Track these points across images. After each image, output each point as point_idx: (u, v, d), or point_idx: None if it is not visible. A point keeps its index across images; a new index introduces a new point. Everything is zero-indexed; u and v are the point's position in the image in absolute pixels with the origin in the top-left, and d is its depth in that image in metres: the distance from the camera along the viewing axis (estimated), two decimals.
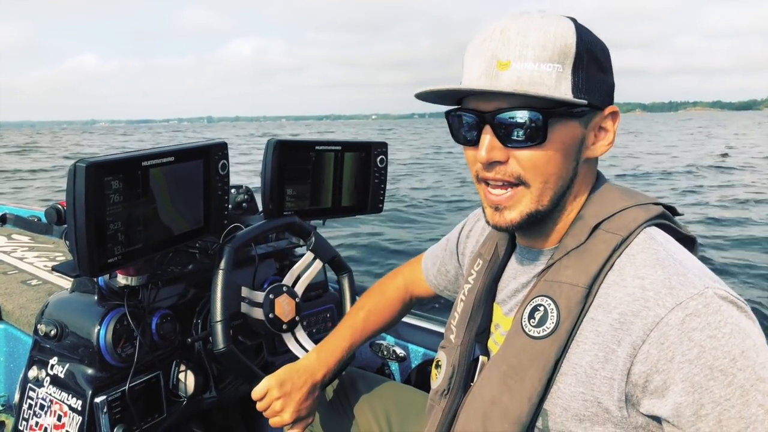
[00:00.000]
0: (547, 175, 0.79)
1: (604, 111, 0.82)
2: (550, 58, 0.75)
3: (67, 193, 0.96)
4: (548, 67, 0.75)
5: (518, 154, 0.78)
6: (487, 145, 0.78)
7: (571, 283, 0.78)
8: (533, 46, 0.75)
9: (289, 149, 1.44)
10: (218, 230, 1.30)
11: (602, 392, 0.74)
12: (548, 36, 0.75)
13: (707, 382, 0.67)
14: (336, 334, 1.26)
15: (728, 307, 0.71)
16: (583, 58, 0.77)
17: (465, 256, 1.13)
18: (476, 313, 0.96)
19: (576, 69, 0.76)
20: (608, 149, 0.84)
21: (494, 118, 0.77)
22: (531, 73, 0.75)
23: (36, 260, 2.27)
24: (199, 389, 1.31)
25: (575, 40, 0.76)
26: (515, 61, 0.75)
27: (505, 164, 0.79)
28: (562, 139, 0.78)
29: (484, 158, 0.79)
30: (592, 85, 0.78)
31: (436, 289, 1.26)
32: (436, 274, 1.24)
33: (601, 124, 0.82)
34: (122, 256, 1.04)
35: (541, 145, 0.77)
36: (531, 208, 0.80)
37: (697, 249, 0.87)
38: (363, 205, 1.63)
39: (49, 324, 1.21)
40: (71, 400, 1.17)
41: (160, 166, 1.10)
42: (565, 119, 0.77)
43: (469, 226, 1.14)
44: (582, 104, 0.76)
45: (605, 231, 0.80)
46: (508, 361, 0.82)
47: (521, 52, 0.75)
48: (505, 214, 0.82)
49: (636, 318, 0.72)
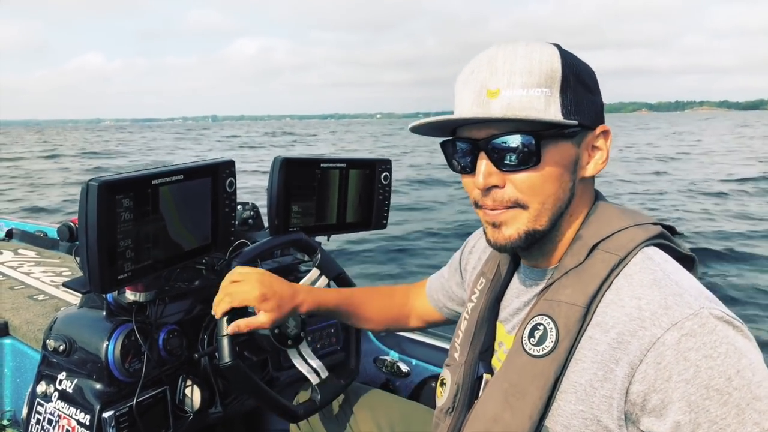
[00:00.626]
0: (544, 196, 0.81)
1: (596, 130, 0.84)
2: (538, 83, 0.77)
3: (80, 211, 0.99)
4: (537, 92, 0.77)
5: (514, 178, 0.80)
6: (483, 171, 0.80)
7: (569, 302, 0.80)
8: (520, 72, 0.77)
9: (295, 166, 1.46)
10: (225, 247, 1.32)
11: (602, 410, 0.75)
12: (534, 62, 0.78)
13: (703, 402, 0.69)
14: (332, 289, 1.29)
15: (723, 327, 0.72)
16: (569, 80, 0.79)
17: (467, 272, 1.15)
18: (479, 331, 0.98)
19: (564, 91, 0.79)
20: (603, 167, 0.86)
21: (488, 144, 0.79)
22: (520, 98, 0.77)
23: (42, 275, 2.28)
24: (205, 404, 1.32)
25: (560, 64, 0.79)
26: (504, 89, 0.78)
27: (502, 189, 0.81)
28: (555, 160, 0.80)
29: (481, 184, 0.81)
30: (582, 106, 0.81)
31: (436, 305, 1.27)
32: (439, 290, 1.26)
33: (593, 144, 0.84)
34: (132, 272, 1.06)
35: (535, 167, 0.79)
36: (529, 227, 0.82)
37: (697, 268, 0.88)
38: (367, 221, 1.65)
39: (58, 339, 1.23)
40: (79, 414, 1.18)
41: (170, 184, 1.12)
42: (557, 140, 0.79)
43: (473, 243, 1.16)
44: (572, 125, 0.79)
45: (603, 251, 0.82)
46: (510, 379, 0.83)
47: (509, 79, 0.78)
48: (503, 231, 0.83)
49: (633, 338, 0.74)
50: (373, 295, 1.33)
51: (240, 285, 1.14)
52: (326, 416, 1.42)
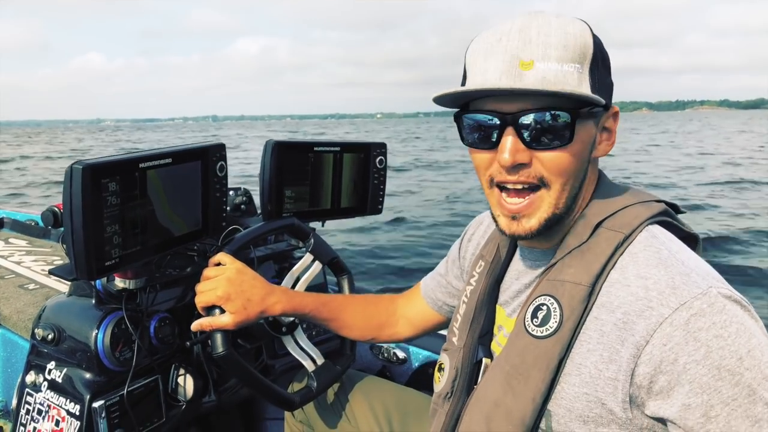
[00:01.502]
0: (567, 176, 0.78)
1: (610, 111, 0.82)
2: (572, 58, 0.75)
3: (64, 196, 0.95)
4: (570, 67, 0.75)
5: (542, 156, 0.77)
6: (510, 148, 0.76)
7: (573, 281, 0.78)
8: (555, 46, 0.74)
9: (288, 150, 1.43)
10: (217, 232, 1.29)
11: (606, 393, 0.73)
12: (569, 36, 0.75)
13: (715, 383, 0.67)
14: (311, 293, 1.25)
15: (732, 306, 0.70)
16: (598, 59, 0.77)
17: (466, 260, 1.13)
18: (479, 315, 0.95)
19: (593, 69, 0.77)
20: (610, 149, 0.84)
21: (518, 120, 0.75)
22: (555, 72, 0.74)
23: (33, 264, 2.25)
24: (198, 393, 1.29)
25: (592, 40, 0.77)
26: (539, 61, 0.74)
27: (529, 167, 0.77)
28: (583, 139, 0.78)
29: (509, 161, 0.76)
30: (603, 85, 0.79)
31: (434, 306, 1.22)
32: (436, 287, 1.21)
33: (605, 125, 0.83)
34: (120, 258, 1.03)
35: (567, 146, 0.76)
36: (549, 213, 0.79)
37: (701, 247, 0.86)
38: (362, 206, 1.62)
39: (47, 328, 1.20)
40: (69, 404, 1.16)
41: (158, 167, 1.09)
42: (586, 119, 0.77)
43: (471, 231, 1.13)
44: (602, 103, 0.76)
45: (607, 229, 0.80)
46: (512, 362, 0.81)
47: (544, 51, 0.74)
48: (524, 223, 0.80)
49: (639, 318, 0.72)
50: (356, 301, 1.29)
51: (207, 283, 1.14)
52: (322, 403, 1.41)
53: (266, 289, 1.16)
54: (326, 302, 1.24)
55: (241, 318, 1.12)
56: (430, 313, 1.24)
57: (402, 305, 1.29)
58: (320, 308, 1.22)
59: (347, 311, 1.25)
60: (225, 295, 1.12)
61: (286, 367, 1.49)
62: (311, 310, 1.21)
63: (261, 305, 1.14)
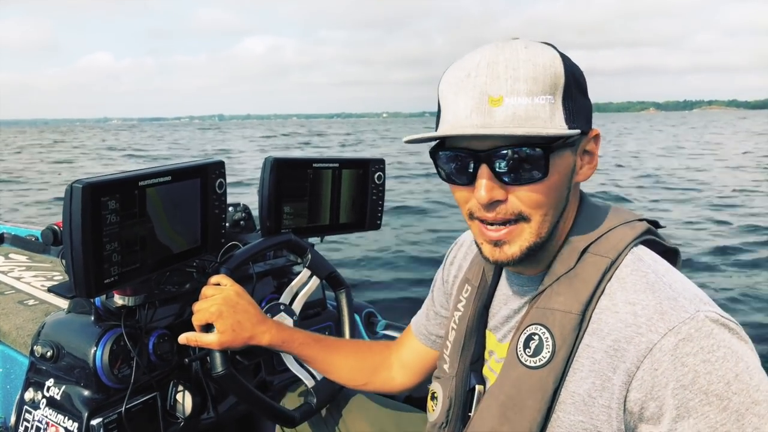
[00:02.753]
0: (546, 208, 0.78)
1: (589, 135, 0.81)
2: (542, 90, 0.74)
3: (64, 214, 0.96)
4: (541, 100, 0.74)
5: (519, 192, 0.76)
6: (485, 186, 0.75)
7: (563, 310, 0.78)
8: (525, 79, 0.73)
9: (287, 167, 1.44)
10: (216, 249, 1.30)
11: (601, 421, 0.74)
12: (537, 68, 0.74)
13: (703, 407, 0.67)
14: (303, 330, 1.24)
15: (720, 330, 0.70)
16: (571, 86, 0.76)
17: (449, 283, 1.11)
18: (469, 341, 0.95)
19: (566, 98, 0.76)
20: (593, 173, 0.83)
21: (491, 157, 0.75)
22: (525, 107, 0.73)
23: (33, 280, 2.25)
24: (196, 410, 1.29)
25: (563, 69, 0.76)
26: (507, 96, 0.73)
27: (505, 203, 0.77)
28: (559, 170, 0.77)
29: (485, 198, 0.76)
30: (580, 111, 0.78)
31: (427, 341, 1.18)
32: (426, 323, 1.18)
33: (586, 148, 0.82)
34: (119, 276, 1.04)
35: (542, 180, 0.75)
36: (530, 241, 0.79)
37: (680, 261, 0.87)
38: (361, 222, 1.63)
39: (45, 345, 1.20)
40: (67, 422, 1.15)
41: (157, 185, 1.10)
42: (562, 150, 0.76)
43: (453, 254, 1.12)
44: (576, 134, 0.76)
45: (593, 254, 0.80)
46: (506, 392, 0.81)
47: (513, 86, 0.73)
48: (506, 249, 0.80)
49: (629, 345, 0.72)
50: (348, 342, 1.28)
51: (204, 302, 1.14)
52: (318, 420, 1.40)
53: (258, 318, 1.16)
54: (318, 339, 1.22)
55: (228, 338, 1.12)
56: (424, 351, 1.19)
57: (396, 350, 1.25)
58: (311, 344, 1.20)
59: (339, 351, 1.22)
60: (218, 312, 1.12)
61: (284, 383, 1.49)
62: (300, 344, 1.19)
63: (250, 331, 1.14)
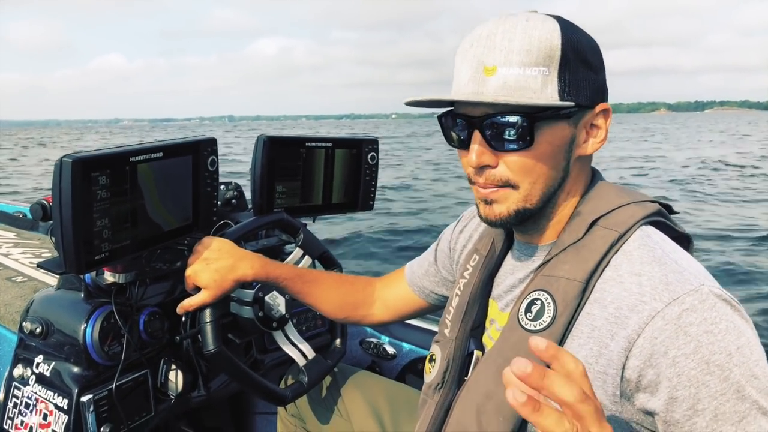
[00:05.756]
0: (534, 177, 0.80)
1: (595, 109, 0.82)
2: (536, 62, 0.76)
3: (53, 189, 0.95)
4: (534, 71, 0.76)
5: (507, 158, 0.79)
6: (476, 150, 0.80)
7: (568, 277, 0.79)
8: (518, 51, 0.75)
9: (279, 145, 1.43)
10: (207, 227, 1.29)
11: (596, 386, 0.75)
12: (533, 40, 0.76)
13: (704, 377, 0.68)
14: (287, 265, 1.27)
15: (723, 305, 0.72)
16: (569, 59, 0.77)
17: (456, 251, 1.13)
18: (471, 307, 0.96)
19: (562, 71, 0.77)
20: (600, 146, 0.85)
21: (482, 123, 0.78)
22: (517, 77, 0.76)
23: (21, 257, 2.23)
24: (187, 388, 1.29)
25: (560, 42, 0.77)
26: (501, 66, 0.76)
27: (495, 168, 0.81)
28: (549, 141, 0.79)
29: (474, 162, 0.80)
30: (580, 85, 0.79)
31: (420, 293, 1.22)
32: (423, 275, 1.21)
33: (592, 122, 0.83)
34: (109, 252, 1.03)
35: (528, 148, 0.78)
36: (518, 206, 0.81)
37: (693, 247, 0.87)
38: (354, 202, 1.62)
39: (35, 321, 1.20)
40: (57, 398, 1.15)
41: (149, 161, 1.08)
42: (552, 121, 0.78)
43: (463, 223, 1.14)
44: (568, 106, 0.77)
45: (602, 227, 0.81)
46: (504, 355, 0.82)
47: (506, 57, 0.76)
48: (494, 208, 0.83)
49: (632, 312, 0.73)
50: (332, 278, 1.29)
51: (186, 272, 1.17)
52: (314, 397, 1.41)
53: (236, 256, 1.17)
54: (301, 274, 1.25)
55: (214, 290, 1.14)
56: (412, 299, 1.23)
57: (380, 288, 1.29)
58: (294, 279, 1.23)
59: (322, 286, 1.25)
60: (193, 272, 1.15)
61: (276, 361, 1.49)
62: (285, 279, 1.21)
63: (232, 272, 1.15)
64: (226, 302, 1.25)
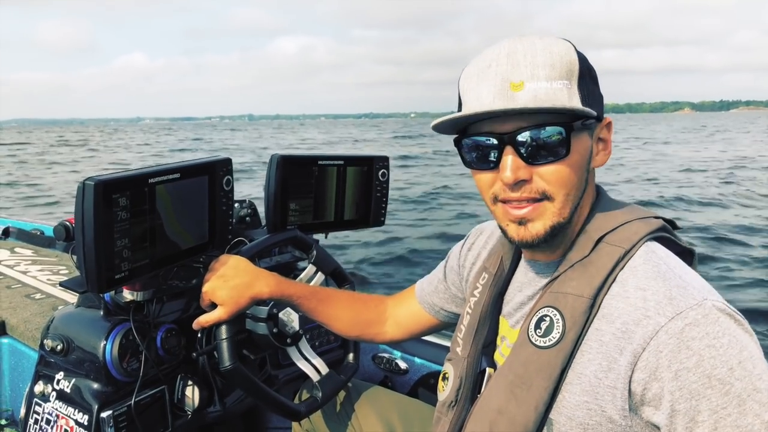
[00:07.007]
0: (569, 187, 0.81)
1: (602, 122, 0.86)
2: (559, 75, 0.79)
3: (76, 211, 0.98)
4: (559, 84, 0.78)
5: (542, 171, 0.80)
6: (511, 166, 0.79)
7: (576, 294, 0.80)
8: (542, 66, 0.78)
9: (292, 164, 1.46)
10: (222, 245, 1.31)
11: (606, 401, 0.76)
12: (554, 56, 0.79)
13: (705, 390, 0.69)
14: (301, 283, 1.30)
15: (726, 319, 0.73)
16: (584, 73, 0.81)
17: (465, 268, 1.14)
18: (482, 325, 0.98)
19: (581, 84, 0.80)
20: (607, 159, 0.87)
21: (515, 138, 0.79)
22: (546, 90, 0.78)
23: (39, 274, 2.28)
24: (203, 403, 1.31)
25: (577, 57, 0.81)
26: (528, 81, 0.78)
27: (530, 182, 0.81)
28: (579, 151, 0.81)
29: (511, 178, 0.79)
30: (594, 98, 0.83)
31: (430, 310, 1.23)
32: (432, 292, 1.23)
33: (600, 135, 0.86)
34: (129, 272, 1.05)
35: (564, 159, 0.79)
36: (554, 221, 0.82)
37: (696, 262, 0.89)
38: (365, 218, 1.65)
39: (55, 339, 1.22)
40: (77, 414, 1.18)
41: (166, 182, 1.11)
42: (581, 132, 0.81)
43: (471, 240, 1.16)
44: (593, 115, 0.80)
45: (608, 244, 0.83)
46: (515, 371, 0.83)
47: (533, 72, 0.78)
48: (530, 228, 0.83)
49: (637, 327, 0.75)
50: (344, 296, 1.31)
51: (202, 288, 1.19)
52: (327, 412, 1.43)
53: (253, 272, 1.20)
54: (315, 292, 1.27)
55: (231, 306, 1.16)
56: (423, 316, 1.25)
57: (392, 306, 1.30)
58: (308, 296, 1.25)
59: (335, 304, 1.27)
60: (211, 288, 1.16)
61: (289, 377, 1.51)
62: (299, 297, 1.24)
63: (249, 290, 1.18)
64: (240, 319, 1.27)
